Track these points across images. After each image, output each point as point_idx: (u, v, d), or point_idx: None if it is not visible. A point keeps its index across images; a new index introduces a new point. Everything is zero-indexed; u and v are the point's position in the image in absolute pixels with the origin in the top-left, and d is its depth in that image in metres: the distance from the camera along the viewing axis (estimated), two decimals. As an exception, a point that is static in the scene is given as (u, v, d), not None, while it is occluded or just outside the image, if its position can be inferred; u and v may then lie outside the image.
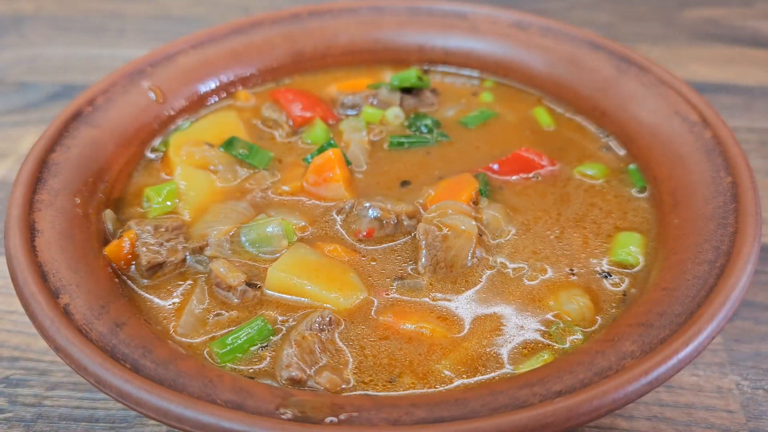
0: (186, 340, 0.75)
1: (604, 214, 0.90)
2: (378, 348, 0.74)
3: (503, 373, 0.72)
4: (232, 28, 1.11)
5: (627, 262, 0.83)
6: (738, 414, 0.82)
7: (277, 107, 1.06)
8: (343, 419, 0.62)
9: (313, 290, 0.78)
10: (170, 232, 0.84)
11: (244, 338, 0.74)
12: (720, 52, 1.49)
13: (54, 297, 0.71)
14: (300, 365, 0.70)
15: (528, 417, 0.60)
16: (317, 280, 0.78)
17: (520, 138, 1.02)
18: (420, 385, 0.71)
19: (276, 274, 0.79)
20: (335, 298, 0.77)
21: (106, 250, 0.81)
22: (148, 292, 0.80)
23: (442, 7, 1.16)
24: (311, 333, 0.73)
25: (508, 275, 0.82)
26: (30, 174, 0.82)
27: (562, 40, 1.08)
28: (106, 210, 0.87)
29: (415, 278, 0.81)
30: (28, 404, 0.84)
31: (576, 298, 0.78)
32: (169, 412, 0.61)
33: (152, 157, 0.98)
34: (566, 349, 0.74)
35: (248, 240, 0.83)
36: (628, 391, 0.62)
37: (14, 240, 0.75)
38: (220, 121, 1.03)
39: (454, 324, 0.76)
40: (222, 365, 0.72)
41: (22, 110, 1.35)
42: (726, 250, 0.74)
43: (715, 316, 0.67)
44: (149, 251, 0.81)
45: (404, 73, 1.09)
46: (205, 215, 0.88)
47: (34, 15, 1.67)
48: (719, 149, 0.86)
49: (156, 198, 0.90)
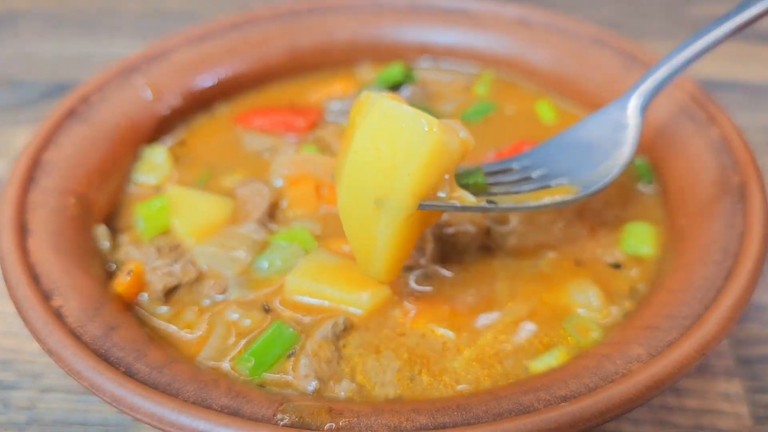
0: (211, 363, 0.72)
1: (609, 206, 0.89)
2: (396, 344, 0.73)
3: (519, 371, 0.71)
4: (228, 24, 1.10)
5: (637, 254, 0.82)
6: (745, 418, 0.81)
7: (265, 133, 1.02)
8: (342, 425, 0.60)
9: (333, 293, 0.76)
10: (174, 251, 0.81)
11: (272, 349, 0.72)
12: (727, 49, 1.47)
13: (47, 299, 0.70)
14: (318, 375, 0.70)
15: (532, 423, 0.59)
16: (337, 282, 0.77)
17: (524, 132, 1.01)
18: (436, 383, 0.70)
19: (295, 280, 0.77)
20: (356, 298, 0.76)
21: (118, 288, 0.77)
22: (169, 322, 0.77)
23: (443, 3, 1.14)
24: (327, 341, 0.72)
25: (517, 267, 0.81)
26: (23, 173, 0.81)
27: (567, 36, 1.07)
28: (100, 226, 0.84)
29: (425, 268, 0.81)
30: (22, 407, 0.82)
31: (586, 290, 0.77)
32: (164, 418, 0.60)
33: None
34: (580, 343, 0.73)
35: (267, 266, 0.80)
36: (634, 396, 0.61)
37: (6, 241, 0.74)
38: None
39: (467, 320, 0.76)
40: (252, 378, 0.70)
41: (15, 108, 1.34)
42: (734, 251, 0.73)
43: (722, 318, 0.66)
44: (163, 275, 0.78)
45: (389, 70, 1.08)
46: (211, 238, 0.83)
47: (28, 12, 1.66)
48: (726, 148, 0.85)
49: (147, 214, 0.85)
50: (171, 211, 0.85)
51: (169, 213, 0.85)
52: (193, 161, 0.99)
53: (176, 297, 0.78)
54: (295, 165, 0.91)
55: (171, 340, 0.75)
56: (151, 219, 0.84)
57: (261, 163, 0.97)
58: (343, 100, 1.06)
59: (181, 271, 0.78)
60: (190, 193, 0.88)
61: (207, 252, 0.81)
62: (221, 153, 1.00)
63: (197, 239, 0.83)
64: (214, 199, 0.88)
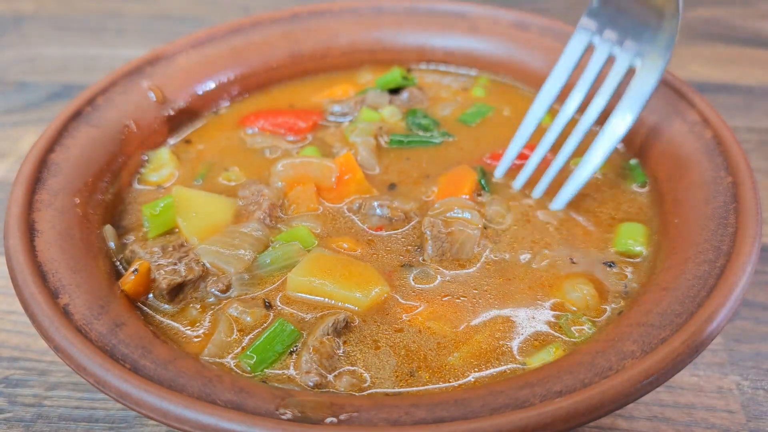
0: (215, 360, 0.73)
1: (603, 206, 0.91)
2: (395, 341, 0.75)
3: (515, 368, 0.72)
4: (232, 28, 1.11)
5: (631, 252, 0.83)
6: (738, 414, 0.82)
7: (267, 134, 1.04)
8: (343, 419, 0.61)
9: (333, 290, 0.78)
10: (178, 250, 0.82)
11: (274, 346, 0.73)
12: (720, 52, 1.49)
13: (53, 297, 0.70)
14: (319, 371, 0.71)
15: (528, 417, 0.60)
16: (337, 279, 0.78)
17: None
18: (435, 379, 0.71)
19: (296, 278, 0.78)
20: (355, 295, 0.77)
21: (124, 287, 0.78)
22: (173, 320, 0.78)
23: (441, 7, 1.16)
24: (329, 338, 0.73)
25: (513, 265, 0.82)
26: (30, 174, 0.82)
27: (562, 40, 1.08)
28: (106, 226, 0.86)
29: (423, 266, 0.82)
30: (28, 404, 0.83)
31: (580, 288, 0.79)
32: (169, 413, 0.61)
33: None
34: (575, 341, 0.74)
35: (269, 262, 0.82)
36: (628, 392, 0.62)
37: (14, 240, 0.75)
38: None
39: (464, 316, 0.77)
40: (253, 374, 0.72)
41: (22, 110, 1.35)
42: (726, 250, 0.74)
43: (715, 316, 0.67)
44: (167, 273, 0.79)
45: (388, 74, 1.10)
46: (214, 237, 0.85)
47: (34, 15, 1.67)
48: (720, 149, 0.86)
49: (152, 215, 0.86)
50: (176, 211, 0.86)
51: (174, 213, 0.86)
52: (196, 159, 1.00)
53: (180, 295, 0.79)
54: (295, 168, 0.92)
55: (175, 337, 0.75)
56: (156, 219, 0.86)
57: (263, 161, 0.99)
58: (343, 102, 1.08)
59: (185, 269, 0.79)
60: (195, 193, 0.90)
61: (211, 250, 0.82)
62: (224, 151, 1.01)
63: (201, 238, 0.84)
64: (218, 199, 0.89)
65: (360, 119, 1.04)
